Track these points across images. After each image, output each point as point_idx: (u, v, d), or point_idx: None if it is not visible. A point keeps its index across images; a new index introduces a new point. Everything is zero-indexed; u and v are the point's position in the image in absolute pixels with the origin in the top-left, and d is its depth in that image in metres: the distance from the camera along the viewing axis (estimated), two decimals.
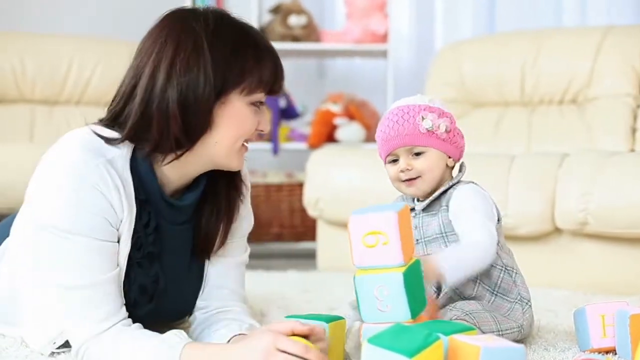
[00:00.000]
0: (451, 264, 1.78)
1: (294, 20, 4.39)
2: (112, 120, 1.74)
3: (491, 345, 1.44)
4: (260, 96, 1.74)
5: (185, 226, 1.86)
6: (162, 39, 1.69)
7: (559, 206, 2.92)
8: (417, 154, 1.96)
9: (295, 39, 4.37)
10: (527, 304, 1.97)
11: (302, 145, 4.36)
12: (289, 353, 1.46)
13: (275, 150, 4.37)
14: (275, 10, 4.49)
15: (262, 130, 1.78)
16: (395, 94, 4.37)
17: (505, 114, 3.90)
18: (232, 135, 1.72)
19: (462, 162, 2.05)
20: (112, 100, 1.77)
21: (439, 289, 1.95)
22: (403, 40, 5.05)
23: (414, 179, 1.97)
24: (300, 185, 4.24)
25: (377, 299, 1.60)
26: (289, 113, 4.52)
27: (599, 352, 1.84)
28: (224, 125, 1.71)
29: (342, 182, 3.43)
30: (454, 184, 1.99)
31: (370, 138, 4.35)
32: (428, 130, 1.94)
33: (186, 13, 1.74)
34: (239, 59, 1.69)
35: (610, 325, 1.82)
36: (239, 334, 1.73)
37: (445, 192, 1.98)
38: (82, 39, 4.20)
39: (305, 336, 1.55)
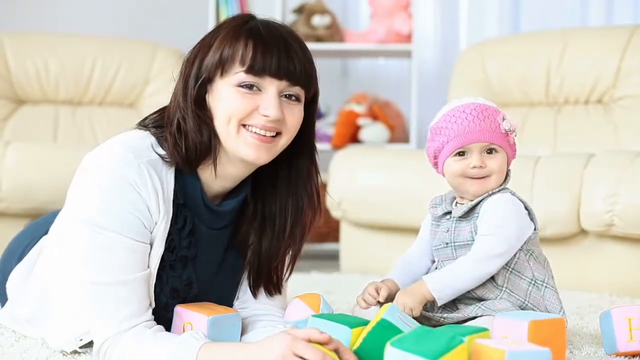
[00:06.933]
0: (436, 284, 1.86)
1: (318, 20, 4.38)
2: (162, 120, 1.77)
3: (516, 349, 1.42)
4: (242, 76, 1.66)
5: (223, 230, 1.84)
6: (206, 39, 1.73)
7: (584, 207, 2.89)
8: (490, 153, 1.96)
9: (319, 39, 4.37)
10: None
11: (325, 146, 4.34)
12: (305, 359, 1.44)
13: None
14: (299, 10, 4.48)
15: (266, 116, 1.67)
16: (419, 94, 4.36)
17: (531, 114, 3.87)
18: (221, 118, 1.69)
19: (509, 170, 2.05)
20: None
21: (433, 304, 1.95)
22: (427, 40, 5.04)
23: (483, 177, 1.96)
24: (323, 186, 4.22)
25: None
26: None
27: (626, 356, 1.82)
28: (214, 111, 1.70)
29: (366, 183, 3.42)
30: (491, 193, 1.97)
31: (394, 138, 4.34)
32: (506, 132, 1.97)
33: (239, 19, 1.73)
34: (223, 46, 1.68)
35: (637, 328, 1.81)
36: None
37: (483, 200, 1.96)
38: (105, 40, 4.21)
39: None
